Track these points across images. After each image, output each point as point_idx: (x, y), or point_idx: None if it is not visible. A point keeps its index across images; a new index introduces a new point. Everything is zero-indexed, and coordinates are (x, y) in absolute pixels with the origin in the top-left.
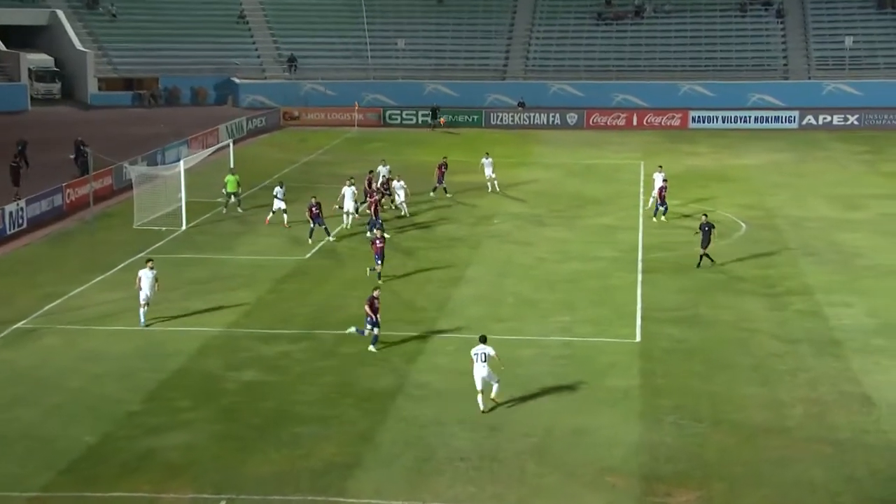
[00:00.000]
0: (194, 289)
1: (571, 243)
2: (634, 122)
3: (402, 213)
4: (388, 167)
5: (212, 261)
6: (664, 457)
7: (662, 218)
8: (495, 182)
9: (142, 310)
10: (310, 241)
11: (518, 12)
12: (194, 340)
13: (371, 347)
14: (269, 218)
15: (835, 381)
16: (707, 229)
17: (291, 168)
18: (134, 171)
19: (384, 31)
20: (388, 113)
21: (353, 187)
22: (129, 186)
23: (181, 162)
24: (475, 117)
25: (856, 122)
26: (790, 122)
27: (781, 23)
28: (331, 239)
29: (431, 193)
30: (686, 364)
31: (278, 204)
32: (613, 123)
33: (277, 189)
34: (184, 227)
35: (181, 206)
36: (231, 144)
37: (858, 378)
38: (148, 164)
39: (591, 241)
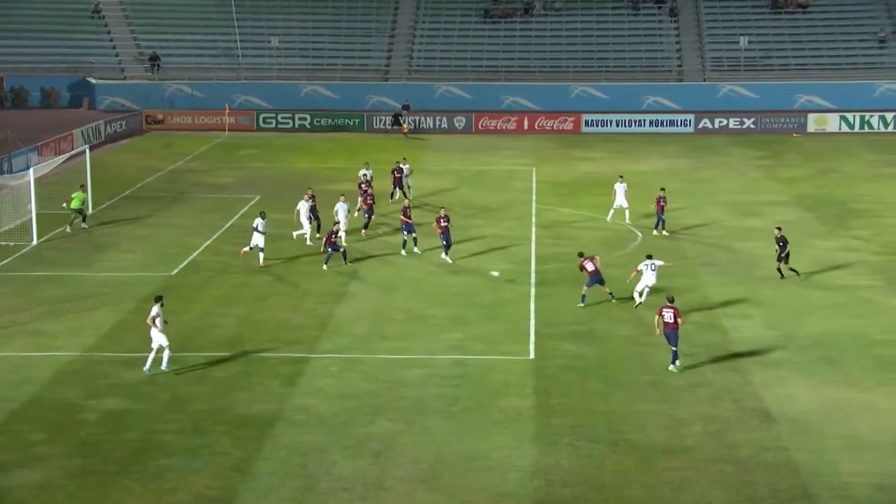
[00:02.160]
0: (48, 309)
1: (463, 255)
2: (525, 126)
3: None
4: (370, 170)
5: (68, 278)
6: (560, 480)
7: (664, 231)
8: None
9: None
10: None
11: (400, 8)
12: (48, 366)
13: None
14: (244, 250)
15: (735, 396)
16: (783, 243)
17: (156, 176)
18: None
19: (256, 27)
20: (261, 116)
21: (346, 204)
22: None
23: (31, 170)
24: (356, 121)
25: (752, 126)
26: (686, 125)
27: (675, 21)
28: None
29: (390, 200)
30: (582, 382)
31: (256, 239)
32: (504, 127)
33: (258, 221)
34: (35, 242)
35: (31, 219)
36: (87, 151)
37: (759, 392)
38: None
39: (484, 252)
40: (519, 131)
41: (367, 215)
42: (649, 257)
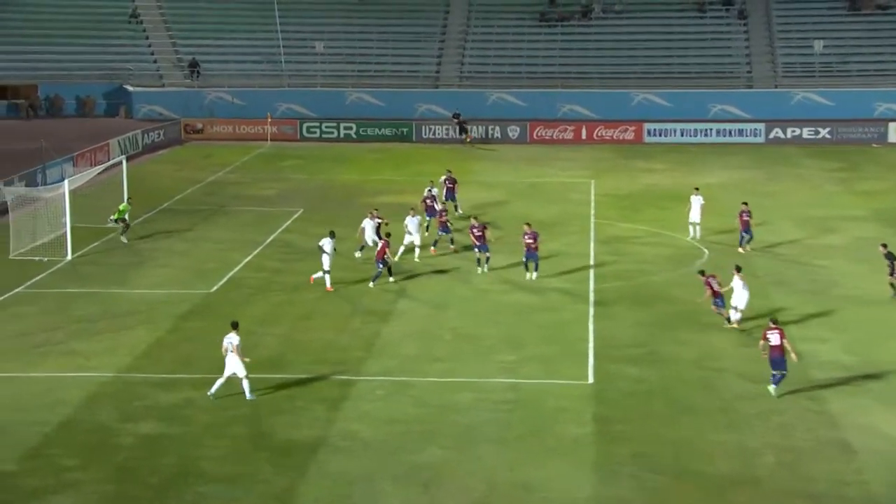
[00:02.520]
0: (82, 328)
1: (516, 272)
2: (583, 136)
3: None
4: (436, 188)
5: (102, 295)
6: None
7: (748, 248)
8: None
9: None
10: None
11: (451, 11)
12: (82, 388)
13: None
14: (314, 277)
15: (811, 425)
16: (892, 260)
17: (194, 188)
18: (10, 192)
19: (300, 32)
20: (305, 125)
21: (416, 217)
22: (4, 210)
23: (65, 182)
24: (404, 130)
25: (827, 136)
26: (756, 135)
27: (744, 24)
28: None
29: (457, 213)
30: (645, 408)
31: (324, 261)
32: (560, 137)
33: (326, 241)
34: (69, 257)
35: (66, 233)
36: (124, 162)
37: (837, 422)
38: (26, 185)
39: (540, 270)
40: (576, 141)
41: (441, 232)
42: (739, 269)
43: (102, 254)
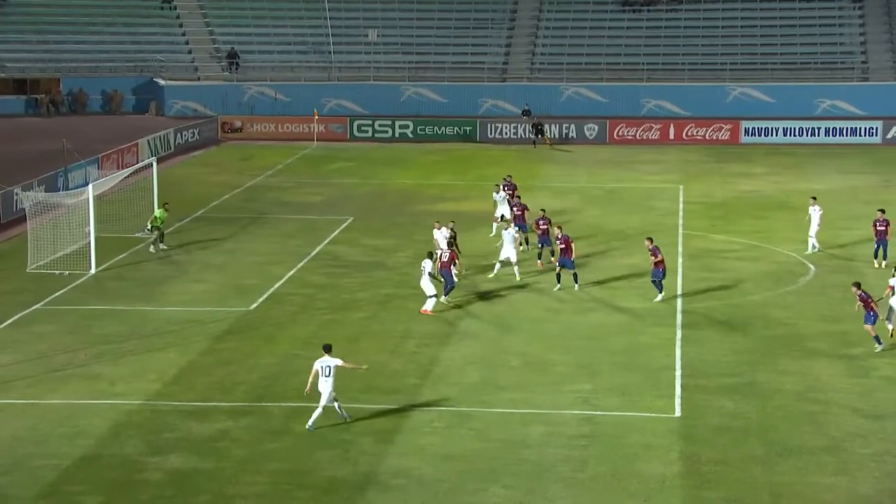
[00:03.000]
0: (107, 349)
1: (592, 290)
2: (671, 136)
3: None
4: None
5: (129, 313)
6: None
7: (884, 263)
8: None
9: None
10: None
11: None
12: (105, 417)
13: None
14: (426, 310)
15: None
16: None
17: (232, 194)
18: (28, 198)
19: (351, 18)
20: (356, 124)
21: (445, 230)
22: (22, 218)
23: (90, 187)
24: (467, 129)
25: None
26: (871, 134)
27: (860, 8)
28: (444, 300)
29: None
30: (740, 446)
31: (425, 285)
32: (644, 137)
33: (426, 263)
34: (93, 271)
35: (89, 244)
36: (154, 164)
37: None
38: (46, 190)
39: (618, 288)
40: (663, 141)
41: (540, 244)
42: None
43: (129, 267)
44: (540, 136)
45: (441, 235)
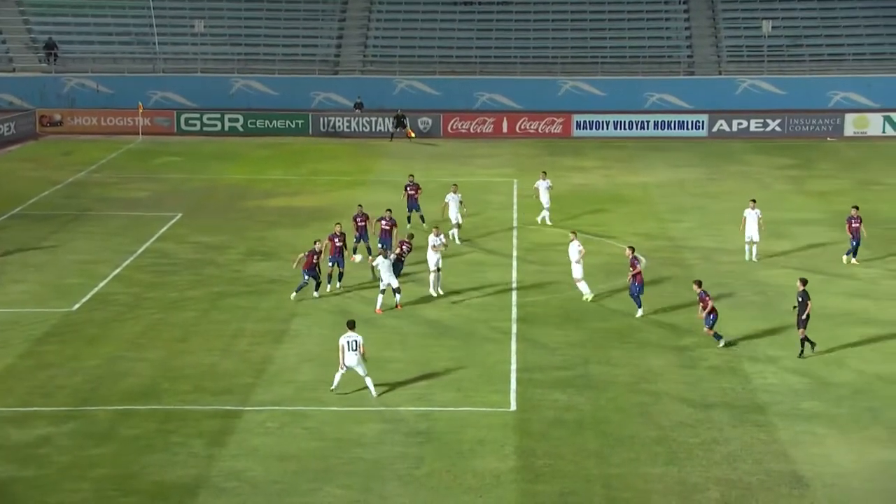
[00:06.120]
0: None
1: (427, 284)
2: (505, 129)
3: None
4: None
5: None
6: None
7: (854, 260)
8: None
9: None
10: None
11: None
12: None
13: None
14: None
15: (759, 456)
16: (802, 299)
17: (52, 190)
18: None
19: (177, 8)
20: (183, 117)
21: (458, 195)
22: None
23: None
24: (299, 122)
25: (778, 129)
26: (698, 128)
27: (684, 3)
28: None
29: (408, 224)
30: (575, 439)
31: (387, 278)
32: (478, 130)
33: (380, 260)
34: None
35: None
36: None
37: (787, 452)
38: None
39: (453, 281)
40: (497, 135)
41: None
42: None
43: None
44: (401, 128)
45: (454, 200)
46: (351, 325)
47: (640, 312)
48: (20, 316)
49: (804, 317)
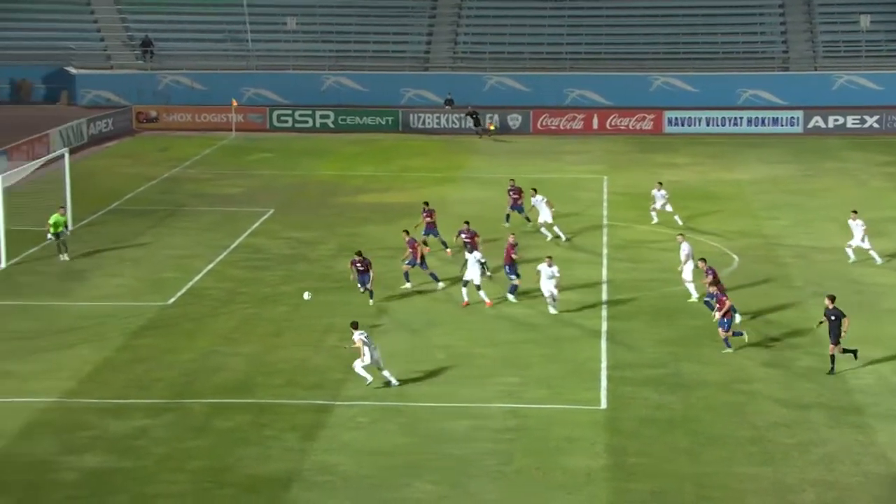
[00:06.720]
0: (17, 346)
1: (516, 281)
2: (595, 125)
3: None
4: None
5: (41, 309)
6: None
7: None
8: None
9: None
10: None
11: None
12: (17, 415)
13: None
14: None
15: (856, 458)
16: (834, 317)
17: (148, 186)
18: None
19: (269, 6)
20: (275, 113)
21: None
22: None
23: None
24: (390, 119)
25: (875, 125)
26: (793, 124)
27: (780, 8)
28: (407, 286)
29: (505, 224)
30: (666, 437)
31: (471, 273)
32: (568, 127)
33: (476, 255)
34: (2, 265)
35: None
36: (66, 155)
37: (886, 454)
38: None
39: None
40: (587, 131)
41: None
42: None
43: (41, 261)
44: (479, 126)
45: (542, 202)
46: (355, 326)
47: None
48: (117, 309)
49: (839, 332)
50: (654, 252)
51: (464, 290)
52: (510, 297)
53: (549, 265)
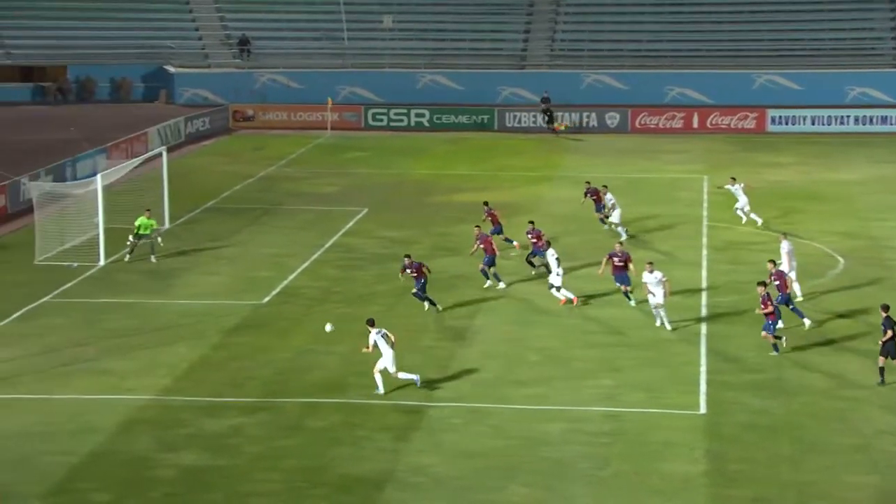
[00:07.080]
0: (116, 344)
1: (613, 283)
2: (695, 124)
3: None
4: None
5: (139, 307)
6: None
7: None
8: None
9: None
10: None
11: None
12: (115, 412)
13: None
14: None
15: None
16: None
17: (244, 184)
18: (36, 188)
19: (366, 4)
20: (371, 112)
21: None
22: (29, 209)
23: (98, 177)
24: (485, 118)
25: None
26: None
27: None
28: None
29: (605, 227)
30: (768, 444)
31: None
32: (667, 125)
33: (551, 253)
34: (102, 263)
35: (98, 235)
36: (164, 153)
37: None
38: (54, 180)
39: (640, 281)
40: (687, 130)
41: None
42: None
43: (139, 260)
44: (551, 122)
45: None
46: (371, 323)
47: (807, 322)
48: (213, 307)
49: (885, 343)
50: (754, 254)
51: (555, 292)
52: (630, 302)
53: (651, 271)
